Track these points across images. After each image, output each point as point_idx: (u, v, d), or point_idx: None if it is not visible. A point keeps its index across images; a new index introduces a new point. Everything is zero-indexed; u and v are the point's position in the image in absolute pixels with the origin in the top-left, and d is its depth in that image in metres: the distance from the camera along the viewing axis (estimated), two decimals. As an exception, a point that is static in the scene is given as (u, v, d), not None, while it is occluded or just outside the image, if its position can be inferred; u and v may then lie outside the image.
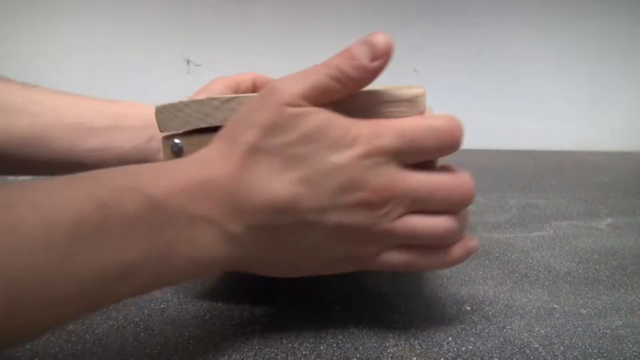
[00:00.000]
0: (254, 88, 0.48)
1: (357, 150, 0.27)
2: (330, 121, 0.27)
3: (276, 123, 0.27)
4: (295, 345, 0.32)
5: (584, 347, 0.32)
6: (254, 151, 0.27)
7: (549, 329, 0.35)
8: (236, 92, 0.46)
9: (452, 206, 0.29)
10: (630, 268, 0.46)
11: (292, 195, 0.26)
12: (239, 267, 0.29)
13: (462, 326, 0.35)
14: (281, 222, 0.27)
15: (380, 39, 0.29)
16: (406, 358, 0.31)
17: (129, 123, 0.44)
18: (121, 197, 0.24)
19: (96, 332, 0.32)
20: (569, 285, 0.42)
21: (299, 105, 0.27)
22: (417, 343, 0.32)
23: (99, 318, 0.34)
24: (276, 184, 0.26)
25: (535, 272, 0.45)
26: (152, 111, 0.34)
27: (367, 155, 0.27)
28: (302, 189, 0.26)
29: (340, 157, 0.27)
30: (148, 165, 0.27)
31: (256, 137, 0.27)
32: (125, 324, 0.33)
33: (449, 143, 0.28)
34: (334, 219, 0.27)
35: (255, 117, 0.27)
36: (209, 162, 0.27)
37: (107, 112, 0.44)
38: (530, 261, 0.47)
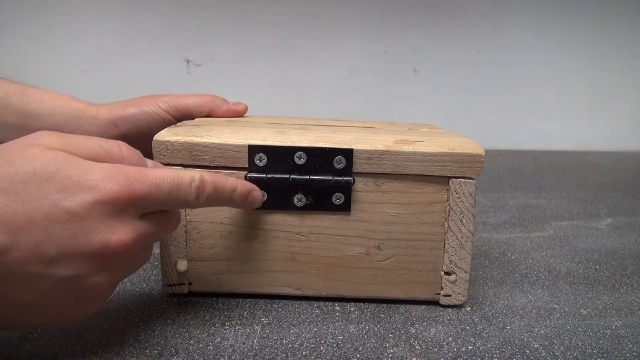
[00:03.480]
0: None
1: (99, 197, 0.25)
2: (70, 159, 0.25)
3: (10, 158, 0.24)
4: (295, 346, 0.32)
5: (584, 347, 0.32)
6: None
7: (549, 329, 0.35)
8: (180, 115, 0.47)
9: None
10: (630, 268, 0.46)
11: (1, 244, 0.22)
12: None
13: (462, 326, 0.35)
14: None
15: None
16: (406, 358, 0.31)
17: (38, 124, 0.42)
18: None
19: (96, 332, 0.32)
20: (569, 286, 0.42)
21: (46, 147, 0.25)
22: (417, 343, 0.32)
23: (99, 318, 0.34)
24: None
25: (535, 272, 0.45)
26: (70, 106, 0.33)
27: (109, 202, 0.25)
28: (18, 237, 0.23)
29: (75, 202, 0.24)
30: None
31: None
32: (125, 324, 0.33)
33: (189, 199, 0.28)
34: (64, 273, 0.24)
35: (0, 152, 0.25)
36: None
37: (17, 108, 0.42)
38: (530, 261, 0.47)
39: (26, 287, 0.24)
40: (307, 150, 0.34)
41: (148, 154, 0.33)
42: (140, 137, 0.44)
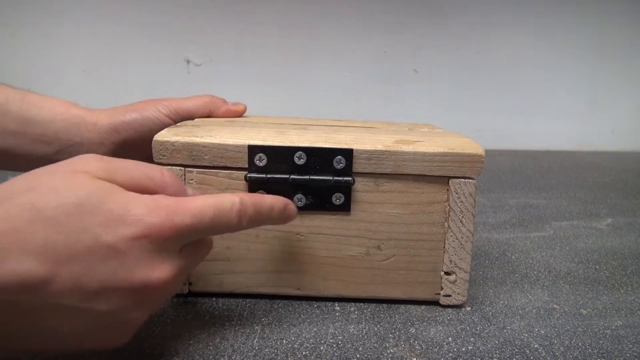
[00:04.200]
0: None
1: (141, 232, 0.24)
2: (113, 192, 0.25)
3: (55, 185, 0.24)
4: (295, 346, 0.32)
5: (584, 347, 0.32)
6: (16, 214, 0.22)
7: (549, 329, 0.35)
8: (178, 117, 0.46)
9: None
10: (630, 268, 0.46)
11: (44, 277, 0.22)
12: None
13: (462, 326, 0.35)
14: (31, 302, 0.23)
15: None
16: (406, 358, 0.31)
17: (38, 130, 0.42)
18: None
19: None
20: (569, 286, 0.42)
21: (91, 176, 0.25)
22: (417, 343, 0.32)
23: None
24: (26, 258, 0.22)
25: (535, 272, 0.45)
26: (70, 112, 0.33)
27: (151, 238, 0.24)
28: (59, 269, 0.22)
29: (117, 237, 0.24)
30: None
31: (31, 195, 0.23)
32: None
33: (232, 223, 0.28)
34: (101, 308, 0.24)
35: (38, 178, 0.24)
36: None
37: (17, 114, 0.42)
38: (530, 261, 0.47)
39: (63, 319, 0.24)
40: (307, 150, 0.34)
41: (149, 159, 0.33)
42: (141, 142, 0.43)
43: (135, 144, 0.44)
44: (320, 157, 0.34)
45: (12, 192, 0.23)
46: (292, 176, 0.34)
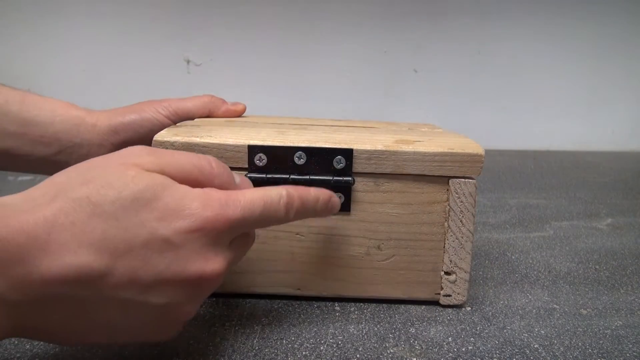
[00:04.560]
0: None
1: (194, 226, 0.24)
2: (167, 186, 0.25)
3: (109, 180, 0.24)
4: (295, 346, 0.32)
5: (584, 347, 0.32)
6: (73, 208, 0.23)
7: (549, 329, 0.35)
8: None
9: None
10: (630, 268, 0.46)
11: (102, 270, 0.22)
12: (19, 335, 0.24)
13: (462, 326, 0.35)
14: (86, 294, 0.23)
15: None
16: (406, 358, 0.31)
17: (38, 132, 0.42)
18: None
19: (96, 332, 0.32)
20: (569, 286, 0.42)
21: (143, 169, 0.25)
22: (417, 343, 0.32)
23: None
24: (85, 251, 0.22)
25: (535, 272, 0.45)
26: (69, 114, 0.33)
27: (205, 231, 0.25)
28: (116, 265, 0.23)
29: (172, 231, 0.24)
30: None
31: (86, 188, 0.23)
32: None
33: (280, 216, 0.28)
34: (157, 301, 0.24)
35: (91, 171, 0.24)
36: (6, 214, 0.22)
37: (17, 115, 0.42)
38: (530, 261, 0.47)
39: (118, 311, 0.24)
40: (307, 150, 0.34)
41: None
42: (141, 144, 0.43)
43: (135, 145, 0.44)
44: (320, 157, 0.34)
45: (67, 186, 0.24)
46: (292, 176, 0.34)
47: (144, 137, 0.44)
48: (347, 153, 0.34)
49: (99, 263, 0.22)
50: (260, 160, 0.34)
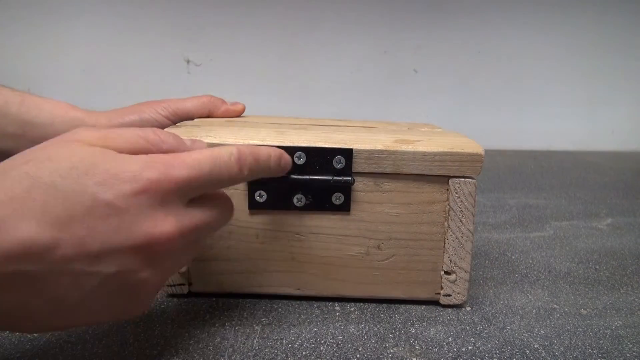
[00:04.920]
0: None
1: (138, 187, 0.24)
2: (107, 153, 0.25)
3: (49, 154, 0.24)
4: (295, 346, 0.32)
5: (584, 347, 0.32)
6: (12, 185, 0.22)
7: (549, 329, 0.35)
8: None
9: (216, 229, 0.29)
10: (630, 268, 0.46)
11: (47, 241, 0.22)
12: None
13: (462, 326, 0.35)
14: (34, 269, 0.22)
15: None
16: (406, 358, 0.31)
17: (37, 133, 0.42)
18: None
19: (96, 332, 0.32)
20: (569, 286, 0.42)
21: (85, 143, 0.25)
22: (417, 343, 0.32)
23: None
24: (27, 224, 0.21)
25: (535, 272, 0.45)
26: (68, 115, 0.34)
27: (150, 192, 0.24)
28: (62, 235, 0.22)
29: (115, 194, 0.23)
30: None
31: (26, 166, 0.23)
32: (125, 324, 0.33)
33: (232, 175, 0.28)
34: (108, 270, 0.24)
35: (34, 151, 0.24)
36: None
37: (16, 117, 0.42)
38: (530, 261, 0.47)
39: (72, 286, 0.23)
40: (307, 150, 0.34)
41: None
42: None
43: None
44: (319, 157, 0.34)
45: (8, 166, 0.23)
46: (291, 176, 0.34)
47: None
48: (347, 153, 0.34)
49: (42, 235, 0.22)
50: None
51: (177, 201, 0.26)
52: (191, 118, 0.47)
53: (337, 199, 0.35)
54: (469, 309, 0.37)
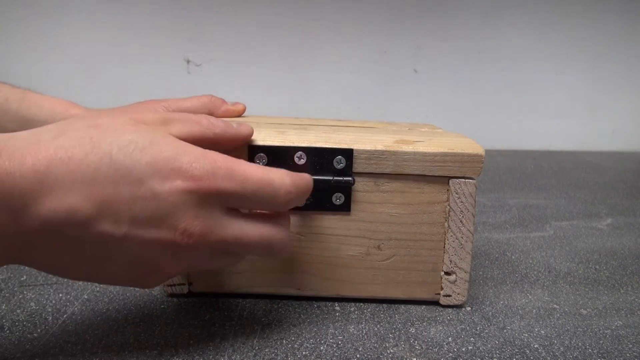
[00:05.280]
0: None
1: (181, 184, 0.25)
2: (165, 136, 0.26)
3: (115, 126, 0.25)
4: (295, 346, 0.32)
5: (584, 347, 0.32)
6: (72, 145, 0.24)
7: (549, 329, 0.35)
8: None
9: (263, 254, 0.29)
10: (630, 268, 0.46)
11: (88, 215, 0.24)
12: (16, 261, 0.26)
13: (462, 326, 0.35)
14: (73, 234, 0.24)
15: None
16: (406, 358, 0.31)
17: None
18: None
19: (96, 332, 0.32)
20: (569, 286, 0.42)
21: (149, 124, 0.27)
22: (417, 343, 0.32)
23: (99, 318, 0.34)
24: (75, 197, 0.23)
25: (535, 272, 0.45)
26: (69, 112, 0.34)
27: (191, 191, 0.25)
28: (101, 211, 0.24)
29: (160, 181, 0.25)
30: None
31: (92, 129, 0.25)
32: (125, 324, 0.33)
33: (275, 202, 0.28)
34: (133, 249, 0.25)
35: (100, 118, 0.26)
36: (12, 149, 0.23)
37: (17, 114, 0.42)
38: (530, 261, 0.47)
39: (100, 252, 0.25)
40: (307, 150, 0.34)
41: None
42: None
43: None
44: (320, 157, 0.34)
45: (73, 126, 0.25)
46: (292, 176, 0.34)
47: None
48: (347, 153, 0.34)
49: (86, 208, 0.24)
50: (261, 160, 0.34)
51: (214, 206, 0.26)
52: None
53: (338, 199, 0.35)
54: (469, 309, 0.37)
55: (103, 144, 0.24)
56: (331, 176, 0.34)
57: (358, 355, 0.31)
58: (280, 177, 0.28)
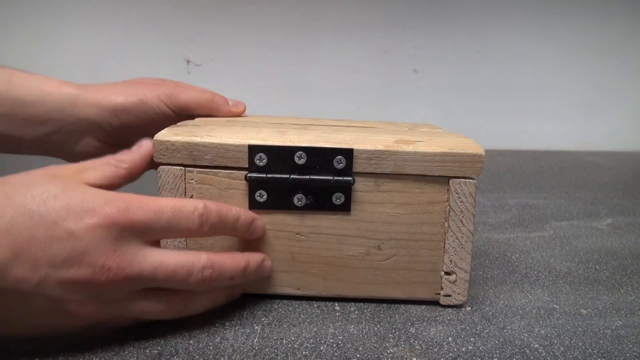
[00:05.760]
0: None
1: (96, 221, 0.26)
2: (78, 184, 0.27)
3: (28, 181, 0.26)
4: (295, 346, 0.32)
5: (584, 347, 0.32)
6: None
7: (549, 329, 0.35)
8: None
9: (188, 287, 0.30)
10: (630, 268, 0.46)
11: (4, 260, 0.24)
12: None
13: (462, 326, 0.35)
14: None
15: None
16: (406, 358, 0.31)
17: (29, 112, 0.41)
18: None
19: (96, 332, 0.32)
20: (569, 286, 0.42)
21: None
22: (417, 343, 0.32)
23: (99, 318, 0.34)
24: None
25: (535, 272, 0.45)
26: (61, 91, 0.37)
27: (106, 226, 0.26)
28: (17, 256, 0.24)
29: (75, 221, 0.25)
30: None
31: (5, 187, 0.26)
32: (126, 324, 0.33)
33: (192, 228, 0.29)
34: (54, 292, 0.25)
35: (15, 176, 0.27)
36: None
37: (5, 95, 0.41)
38: (530, 261, 0.47)
39: (19, 303, 0.25)
40: (307, 150, 0.34)
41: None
42: (139, 130, 0.42)
43: (133, 128, 0.43)
44: (320, 157, 0.34)
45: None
46: (292, 176, 0.34)
47: (143, 122, 0.43)
48: (348, 153, 0.34)
49: (1, 255, 0.24)
50: (261, 160, 0.34)
51: (131, 239, 0.27)
52: (191, 110, 0.46)
53: (338, 199, 0.35)
54: (469, 309, 0.37)
55: (17, 196, 0.25)
56: (331, 176, 0.34)
57: (358, 355, 0.31)
58: (192, 204, 0.29)
